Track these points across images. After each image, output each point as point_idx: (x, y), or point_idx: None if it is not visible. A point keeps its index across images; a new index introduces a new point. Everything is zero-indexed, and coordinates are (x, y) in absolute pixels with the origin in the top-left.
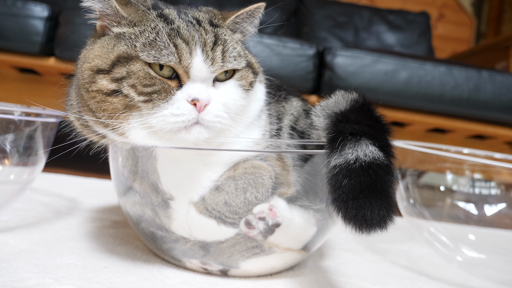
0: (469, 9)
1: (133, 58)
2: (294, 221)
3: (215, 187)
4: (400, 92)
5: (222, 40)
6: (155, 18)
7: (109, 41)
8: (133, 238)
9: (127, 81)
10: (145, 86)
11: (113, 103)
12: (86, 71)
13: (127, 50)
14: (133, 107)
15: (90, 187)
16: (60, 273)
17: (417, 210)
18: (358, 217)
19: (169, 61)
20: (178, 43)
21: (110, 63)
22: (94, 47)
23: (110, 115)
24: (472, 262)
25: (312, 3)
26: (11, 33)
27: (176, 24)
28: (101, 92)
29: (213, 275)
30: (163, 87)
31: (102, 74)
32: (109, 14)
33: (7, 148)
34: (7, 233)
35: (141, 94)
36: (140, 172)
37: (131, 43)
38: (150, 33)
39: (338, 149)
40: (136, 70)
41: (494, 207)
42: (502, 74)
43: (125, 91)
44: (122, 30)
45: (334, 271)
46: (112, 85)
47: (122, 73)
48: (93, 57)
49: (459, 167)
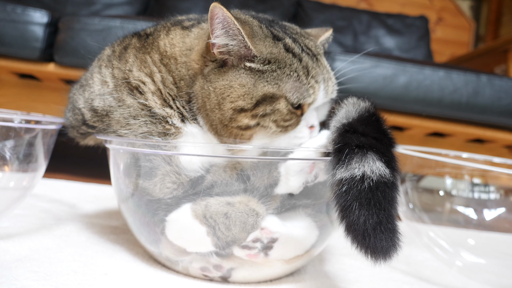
0: (467, 12)
1: (279, 98)
2: (292, 232)
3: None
4: (399, 97)
5: (330, 72)
6: (286, 54)
7: (247, 78)
8: (133, 244)
9: (270, 117)
10: (286, 121)
11: (244, 135)
12: (229, 110)
13: (272, 90)
14: (256, 133)
15: (90, 193)
16: (60, 280)
17: (416, 215)
18: (369, 249)
19: (307, 101)
20: (312, 83)
21: (254, 102)
22: (233, 85)
23: (235, 138)
24: (471, 267)
25: (311, 8)
26: (10, 39)
27: (304, 60)
28: (239, 128)
29: (214, 282)
30: (296, 120)
31: (244, 112)
32: (238, 52)
33: (7, 155)
34: (8, 240)
35: (279, 127)
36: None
37: (274, 82)
38: (291, 72)
39: (345, 162)
40: (281, 108)
41: (493, 211)
42: (501, 78)
43: (265, 124)
44: (258, 67)
45: (334, 276)
46: (252, 121)
47: (266, 111)
48: (236, 98)
49: (458, 171)
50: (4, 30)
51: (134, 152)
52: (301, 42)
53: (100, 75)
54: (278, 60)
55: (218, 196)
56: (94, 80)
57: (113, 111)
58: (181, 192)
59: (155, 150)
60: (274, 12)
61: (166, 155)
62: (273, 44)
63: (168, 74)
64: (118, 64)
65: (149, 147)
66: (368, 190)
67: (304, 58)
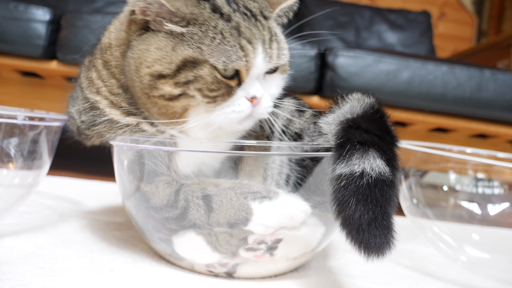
0: (470, 7)
1: (201, 63)
2: (297, 232)
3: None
4: (402, 92)
5: (274, 34)
6: (212, 14)
7: (165, 41)
8: (137, 241)
9: (194, 85)
10: (211, 90)
11: (174, 107)
12: (146, 76)
13: (193, 54)
14: (192, 107)
15: (94, 190)
16: (66, 276)
17: (420, 210)
18: (363, 244)
19: (238, 65)
20: (244, 44)
21: (174, 68)
22: (150, 49)
23: (169, 117)
24: (476, 262)
25: (313, 3)
26: (13, 37)
27: (234, 20)
28: (163, 97)
29: (219, 277)
30: (227, 90)
31: (165, 79)
32: (155, 11)
33: (12, 152)
34: (13, 236)
35: (206, 97)
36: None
37: (196, 45)
38: (215, 34)
39: (346, 158)
40: (204, 75)
41: (497, 206)
42: (504, 73)
43: (190, 93)
44: (178, 29)
45: (338, 272)
46: (176, 90)
47: (188, 78)
48: (152, 61)
49: (462, 166)
50: (6, 27)
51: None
52: (241, 3)
53: (81, 94)
54: (201, 21)
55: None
56: (78, 96)
57: (96, 124)
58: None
59: (159, 146)
60: None
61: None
62: (197, 3)
63: (110, 77)
64: (83, 87)
65: (152, 144)
66: (366, 187)
67: (235, 19)
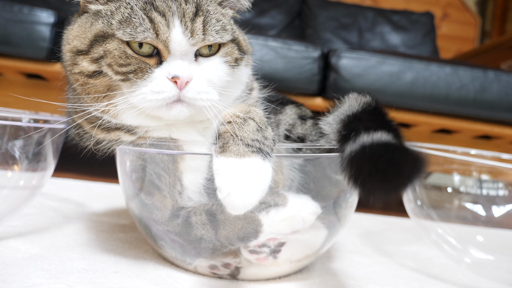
0: (473, 8)
1: (109, 37)
2: (299, 236)
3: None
4: (406, 93)
5: (204, 11)
6: None
7: (86, 19)
8: (142, 243)
9: (105, 61)
10: (121, 65)
11: (95, 85)
12: (67, 53)
13: (103, 28)
14: (115, 88)
15: (98, 191)
16: (71, 278)
17: (424, 212)
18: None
19: (145, 37)
20: (154, 16)
21: (88, 43)
22: (74, 27)
23: (95, 98)
24: (480, 264)
25: (315, 5)
26: (17, 39)
27: None
28: (82, 74)
29: (222, 279)
30: (139, 67)
31: (82, 55)
32: None
33: (17, 154)
34: (18, 238)
35: (117, 74)
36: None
37: (108, 20)
38: (125, 8)
39: (353, 139)
40: (112, 49)
41: (502, 208)
42: (508, 74)
43: (104, 70)
44: (98, 8)
45: (342, 273)
46: (92, 66)
47: (99, 53)
48: (72, 38)
49: (466, 168)
50: (11, 30)
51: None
52: None
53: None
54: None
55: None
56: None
57: (85, 143)
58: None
59: (161, 150)
60: (279, 9)
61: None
62: None
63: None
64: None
65: (155, 147)
66: (376, 148)
67: None
